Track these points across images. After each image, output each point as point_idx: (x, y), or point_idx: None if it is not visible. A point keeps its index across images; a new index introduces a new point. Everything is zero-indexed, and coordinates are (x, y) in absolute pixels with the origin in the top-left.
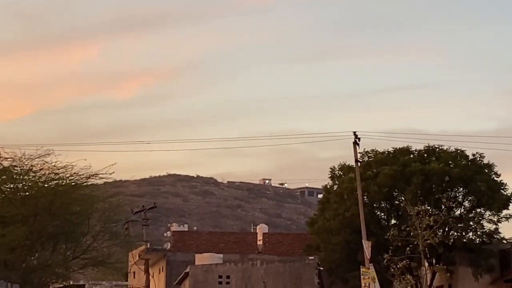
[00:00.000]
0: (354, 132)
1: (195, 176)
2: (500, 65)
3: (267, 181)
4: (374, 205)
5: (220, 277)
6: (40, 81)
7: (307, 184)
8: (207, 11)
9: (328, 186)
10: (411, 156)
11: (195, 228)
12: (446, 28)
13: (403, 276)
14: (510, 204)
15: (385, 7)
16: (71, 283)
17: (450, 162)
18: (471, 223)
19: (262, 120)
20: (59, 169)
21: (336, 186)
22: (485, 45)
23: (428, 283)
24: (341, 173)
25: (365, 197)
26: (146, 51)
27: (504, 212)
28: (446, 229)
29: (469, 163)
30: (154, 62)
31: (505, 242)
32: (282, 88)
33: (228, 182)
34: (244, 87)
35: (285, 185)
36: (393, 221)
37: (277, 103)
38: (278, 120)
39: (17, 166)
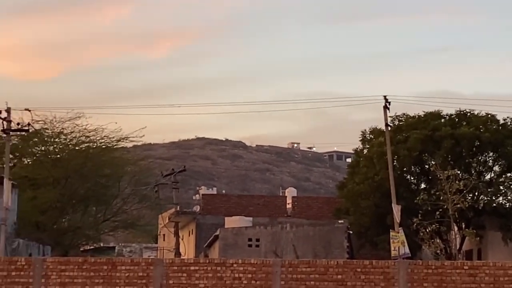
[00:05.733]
0: (385, 96)
1: (223, 139)
2: None
3: (295, 145)
4: (404, 169)
5: (250, 240)
6: (72, 41)
7: (335, 148)
8: None
9: (359, 150)
10: (442, 120)
11: (223, 191)
12: None
13: (432, 240)
14: None
15: None
16: (102, 245)
17: (480, 126)
18: (501, 187)
19: (295, 81)
20: (90, 132)
21: (366, 150)
22: None
23: (458, 248)
24: (372, 137)
25: (395, 161)
26: (179, 10)
27: None
28: (476, 193)
29: (500, 127)
30: (188, 22)
31: None
32: (315, 49)
33: (256, 145)
34: (277, 48)
35: (314, 149)
36: (422, 185)
37: (310, 64)
38: (311, 82)
39: (48, 129)
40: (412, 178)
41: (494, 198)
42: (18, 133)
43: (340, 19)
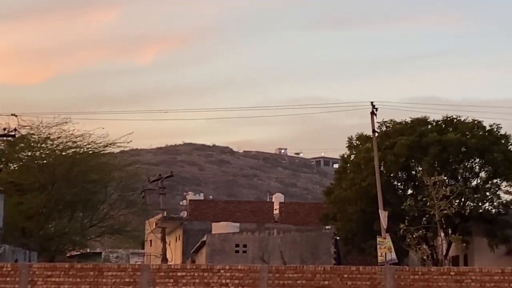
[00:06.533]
0: (372, 102)
1: (211, 145)
2: None
3: (282, 151)
4: (391, 175)
5: (237, 245)
6: (60, 46)
7: (323, 153)
8: None
9: (346, 156)
10: (429, 126)
11: (211, 197)
12: None
13: (419, 246)
14: None
15: None
16: (88, 250)
17: (467, 132)
18: (487, 193)
19: (283, 87)
20: (76, 138)
21: (353, 155)
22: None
23: (444, 253)
24: (359, 143)
25: (382, 167)
26: (165, 16)
27: None
28: (463, 199)
29: (486, 133)
30: (174, 27)
31: None
32: (304, 55)
33: (244, 151)
34: (266, 54)
35: (301, 154)
36: (409, 191)
37: (299, 70)
38: (298, 87)
39: (34, 134)
40: (399, 184)
41: (480, 204)
42: (4, 138)
43: (329, 24)
